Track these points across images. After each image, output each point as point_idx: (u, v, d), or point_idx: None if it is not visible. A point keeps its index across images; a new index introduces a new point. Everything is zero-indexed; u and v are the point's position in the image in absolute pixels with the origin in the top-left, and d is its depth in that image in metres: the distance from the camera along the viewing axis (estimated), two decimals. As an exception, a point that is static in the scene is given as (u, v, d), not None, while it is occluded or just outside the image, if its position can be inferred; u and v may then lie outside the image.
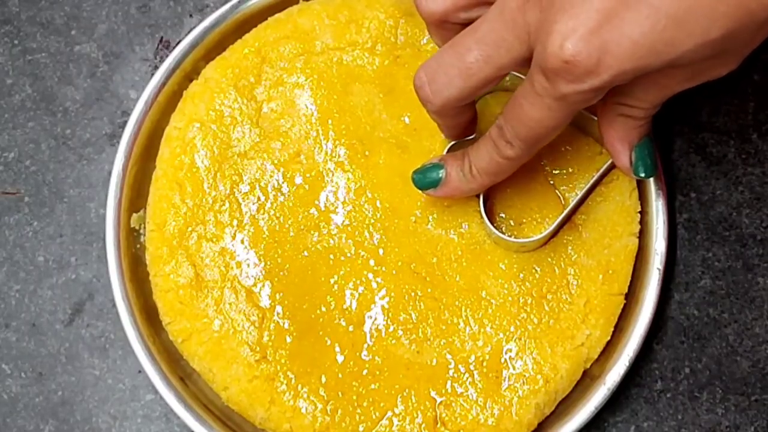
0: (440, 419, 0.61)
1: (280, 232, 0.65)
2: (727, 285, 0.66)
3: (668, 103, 0.54)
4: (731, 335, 0.66)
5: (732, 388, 0.65)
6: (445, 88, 0.53)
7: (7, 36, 0.75)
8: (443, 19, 0.55)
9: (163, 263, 0.65)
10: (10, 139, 0.72)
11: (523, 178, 0.62)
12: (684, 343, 0.66)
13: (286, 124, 0.67)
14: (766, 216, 0.67)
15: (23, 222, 0.71)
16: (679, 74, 0.49)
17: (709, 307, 0.66)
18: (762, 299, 0.66)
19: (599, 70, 0.45)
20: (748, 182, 0.68)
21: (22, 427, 0.67)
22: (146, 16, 0.75)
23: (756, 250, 0.67)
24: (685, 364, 0.65)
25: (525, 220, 0.63)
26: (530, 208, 0.62)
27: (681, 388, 0.65)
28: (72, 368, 0.68)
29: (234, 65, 0.68)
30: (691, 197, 0.68)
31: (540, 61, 0.47)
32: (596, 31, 0.44)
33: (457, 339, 0.62)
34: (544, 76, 0.47)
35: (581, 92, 0.46)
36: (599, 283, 0.62)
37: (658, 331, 0.66)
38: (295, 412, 0.61)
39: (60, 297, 0.69)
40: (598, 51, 0.44)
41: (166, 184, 0.66)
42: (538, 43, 0.47)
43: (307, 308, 0.63)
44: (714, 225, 0.67)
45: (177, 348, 0.64)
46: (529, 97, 0.49)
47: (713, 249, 0.67)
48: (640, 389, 0.65)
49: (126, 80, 0.73)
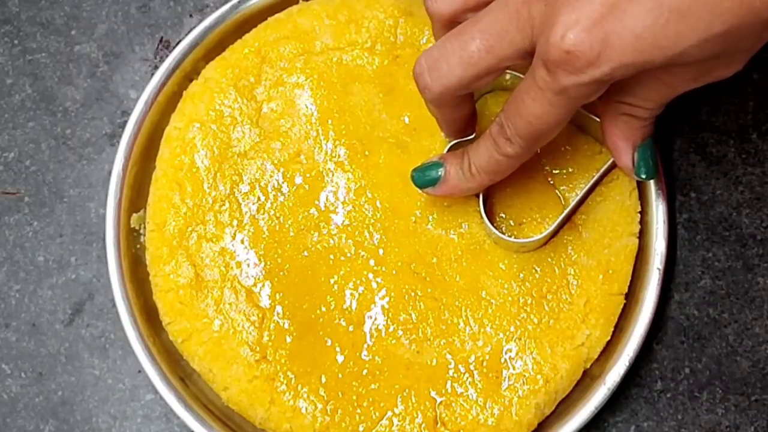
0: (440, 419, 0.61)
1: (280, 232, 0.65)
2: (727, 285, 0.66)
3: (668, 103, 0.54)
4: (731, 335, 0.66)
5: (732, 388, 0.65)
6: (445, 76, 0.53)
7: (7, 36, 0.75)
8: (451, 20, 0.55)
9: (163, 263, 0.65)
10: (10, 139, 0.72)
11: (522, 177, 0.62)
12: (684, 343, 0.66)
13: (286, 124, 0.67)
14: (766, 216, 0.67)
15: (23, 222, 0.71)
16: (684, 73, 0.49)
17: (709, 307, 0.66)
18: (762, 299, 0.66)
19: (600, 61, 0.45)
20: (748, 182, 0.68)
21: (22, 427, 0.67)
22: (146, 16, 0.75)
23: (756, 250, 0.67)
24: (685, 364, 0.65)
25: (525, 220, 0.63)
26: (530, 208, 0.62)
27: (681, 388, 0.65)
28: (72, 368, 0.68)
29: (234, 65, 0.68)
30: (691, 197, 0.68)
31: (542, 54, 0.47)
32: (599, 22, 0.44)
33: (457, 339, 0.62)
34: (545, 68, 0.47)
35: (582, 85, 0.46)
36: (599, 283, 0.62)
37: (658, 331, 0.66)
38: (295, 412, 0.61)
39: (60, 297, 0.69)
40: (599, 43, 0.44)
41: (166, 184, 0.66)
42: (542, 36, 0.47)
43: (307, 308, 0.63)
44: (714, 225, 0.67)
45: (177, 348, 0.64)
46: (530, 92, 0.49)
47: (713, 249, 0.67)
48: (640, 389, 0.65)
49: (126, 80, 0.73)
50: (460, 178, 0.58)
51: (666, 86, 0.51)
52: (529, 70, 0.49)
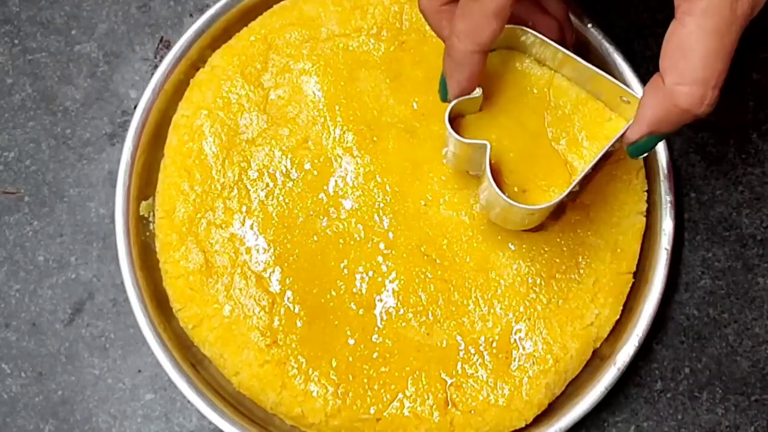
0: (451, 400, 0.61)
1: (290, 217, 0.65)
2: (727, 285, 0.67)
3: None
4: (731, 335, 0.66)
5: (732, 388, 0.65)
6: (475, 33, 0.52)
7: (7, 36, 0.75)
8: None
9: (173, 250, 0.65)
10: (10, 139, 0.72)
11: (527, 142, 0.60)
12: (684, 343, 0.66)
13: (294, 111, 0.67)
14: (766, 216, 0.68)
15: (23, 222, 0.71)
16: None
17: (709, 307, 0.67)
18: (762, 299, 0.67)
19: None
20: (747, 182, 0.69)
21: (22, 426, 0.67)
22: (146, 15, 0.75)
23: (756, 250, 0.67)
24: (685, 364, 0.66)
25: (529, 187, 0.60)
26: (535, 175, 0.59)
27: (681, 388, 0.65)
28: (72, 368, 0.68)
29: (240, 53, 0.68)
30: (691, 197, 0.68)
31: None
32: None
33: (467, 320, 0.62)
34: None
35: None
36: (608, 263, 0.63)
37: (658, 331, 0.66)
38: (306, 396, 0.62)
39: (60, 297, 0.69)
40: None
41: (175, 171, 0.66)
42: None
43: (317, 293, 0.63)
44: (714, 225, 0.68)
45: (188, 334, 0.65)
46: None
47: (713, 249, 0.68)
48: (640, 389, 0.66)
49: (126, 80, 0.74)
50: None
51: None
52: None
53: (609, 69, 0.66)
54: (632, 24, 0.72)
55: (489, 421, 0.61)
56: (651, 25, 0.72)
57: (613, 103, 0.57)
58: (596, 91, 0.58)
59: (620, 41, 0.67)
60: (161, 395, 0.67)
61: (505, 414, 0.61)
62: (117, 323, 0.68)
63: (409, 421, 0.61)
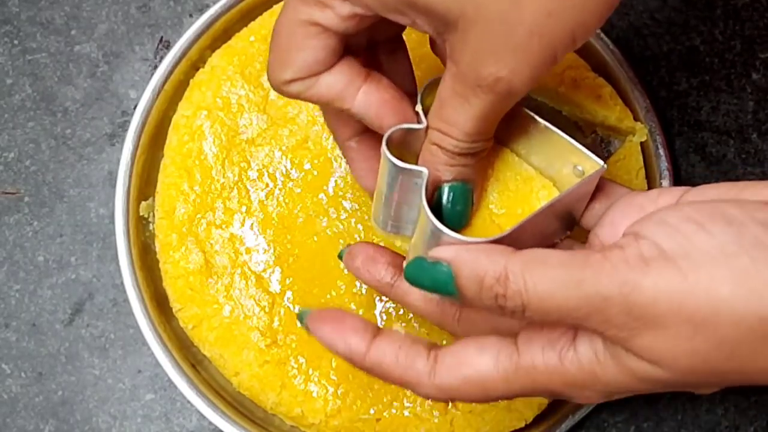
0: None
1: (289, 217, 0.65)
2: (727, 285, 0.67)
3: (668, 103, 0.53)
4: (731, 334, 0.66)
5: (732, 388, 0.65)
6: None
7: (7, 36, 0.75)
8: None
9: (173, 250, 0.65)
10: (10, 139, 0.72)
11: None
12: (684, 343, 0.66)
13: (293, 111, 0.67)
14: (766, 216, 0.68)
15: (23, 222, 0.71)
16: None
17: (709, 306, 0.67)
18: (761, 298, 0.67)
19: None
20: (748, 182, 0.69)
21: (22, 427, 0.67)
22: (146, 16, 0.75)
23: (755, 251, 0.67)
24: (685, 363, 0.66)
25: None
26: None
27: (681, 388, 0.66)
28: (72, 368, 0.68)
29: (240, 53, 0.68)
30: (691, 197, 0.68)
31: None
32: None
33: (467, 319, 0.62)
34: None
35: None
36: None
37: (659, 330, 0.66)
38: (306, 396, 0.62)
39: (60, 297, 0.69)
40: None
41: (175, 171, 0.66)
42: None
43: (317, 293, 0.63)
44: (713, 225, 0.68)
45: (187, 335, 0.65)
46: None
47: (713, 249, 0.67)
48: (640, 389, 0.66)
49: (126, 80, 0.73)
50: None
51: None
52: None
53: (609, 68, 0.66)
54: (632, 24, 0.72)
55: (489, 421, 0.61)
56: (651, 25, 0.72)
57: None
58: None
59: (620, 41, 0.67)
60: (161, 395, 0.67)
61: (505, 414, 0.61)
62: (117, 323, 0.68)
63: (409, 421, 0.61)
